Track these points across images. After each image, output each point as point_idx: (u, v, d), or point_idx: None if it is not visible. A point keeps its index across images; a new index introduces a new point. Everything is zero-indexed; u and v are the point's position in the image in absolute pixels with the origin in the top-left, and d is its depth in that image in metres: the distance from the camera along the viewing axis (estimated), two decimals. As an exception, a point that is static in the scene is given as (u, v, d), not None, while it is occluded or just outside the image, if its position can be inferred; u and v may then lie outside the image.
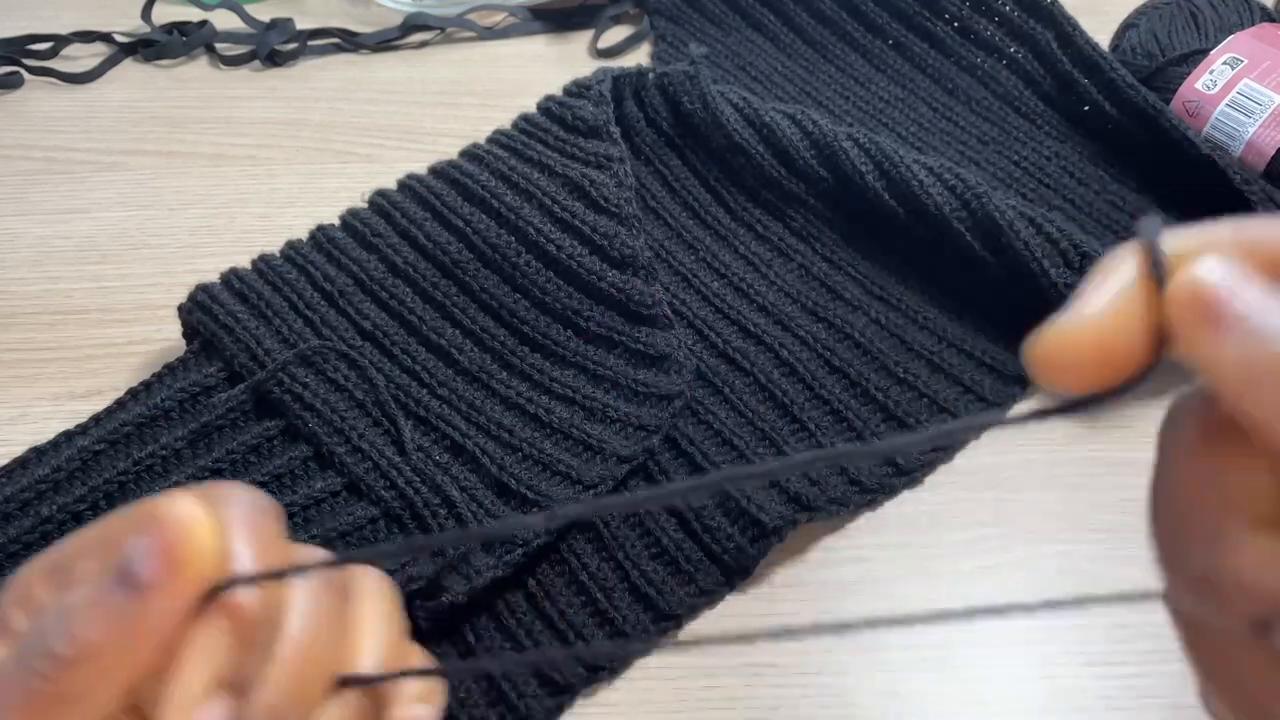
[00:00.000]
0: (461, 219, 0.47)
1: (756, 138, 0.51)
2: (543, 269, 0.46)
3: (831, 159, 0.50)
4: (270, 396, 0.43)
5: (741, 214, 0.51)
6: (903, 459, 0.42)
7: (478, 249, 0.46)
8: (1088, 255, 0.44)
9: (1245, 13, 0.56)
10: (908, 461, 0.42)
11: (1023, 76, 0.57)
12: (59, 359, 0.47)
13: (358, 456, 0.41)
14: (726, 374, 0.45)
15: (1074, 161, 0.54)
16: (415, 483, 0.40)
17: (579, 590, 0.40)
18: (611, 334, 0.44)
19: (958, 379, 0.45)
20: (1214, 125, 0.52)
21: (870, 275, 0.49)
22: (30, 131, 0.58)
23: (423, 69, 0.63)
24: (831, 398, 0.44)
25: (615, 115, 0.50)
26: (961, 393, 0.45)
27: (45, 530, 0.39)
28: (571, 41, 0.64)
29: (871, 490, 0.42)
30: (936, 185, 0.47)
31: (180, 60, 0.63)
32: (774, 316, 0.47)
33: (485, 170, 0.48)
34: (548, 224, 0.46)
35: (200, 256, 0.51)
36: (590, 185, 0.47)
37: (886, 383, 0.45)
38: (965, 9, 0.59)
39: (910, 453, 0.42)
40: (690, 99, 0.53)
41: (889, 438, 0.43)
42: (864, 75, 0.60)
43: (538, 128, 0.51)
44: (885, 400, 0.44)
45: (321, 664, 0.19)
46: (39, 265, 0.51)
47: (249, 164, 0.56)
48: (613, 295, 0.45)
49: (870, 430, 0.43)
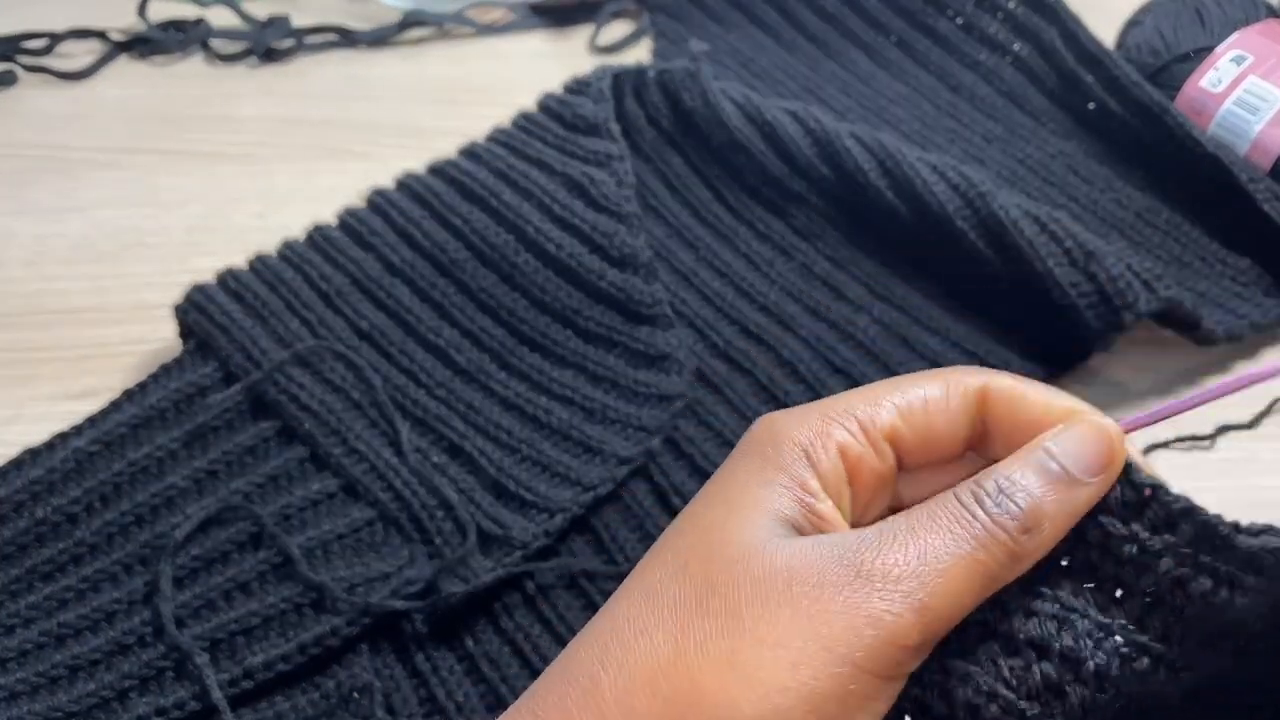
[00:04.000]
0: (460, 217, 0.46)
1: (758, 135, 0.51)
2: (542, 268, 0.45)
3: (834, 157, 0.49)
4: (266, 397, 0.42)
5: (742, 212, 0.51)
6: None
7: (476, 248, 0.46)
8: (1092, 254, 0.43)
9: (1251, 9, 0.55)
10: None
11: (1026, 74, 0.57)
12: (54, 359, 0.47)
13: (354, 458, 0.41)
14: (727, 374, 0.45)
15: (1078, 159, 0.53)
16: (412, 484, 0.40)
17: (578, 593, 0.39)
18: (611, 334, 0.44)
19: None
20: (1219, 123, 0.51)
21: (873, 274, 0.49)
22: (25, 129, 0.58)
23: (420, 66, 0.62)
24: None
25: (615, 113, 0.50)
26: None
27: (40, 532, 0.39)
28: (571, 38, 0.64)
29: None
30: (940, 183, 0.46)
31: (176, 57, 0.63)
32: (775, 316, 0.47)
33: (484, 168, 0.48)
34: (547, 222, 0.46)
35: (196, 255, 0.51)
36: (590, 183, 0.46)
37: None
38: (969, 5, 0.58)
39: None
40: (691, 96, 0.52)
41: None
42: (866, 72, 0.59)
43: (537, 125, 0.50)
44: None
45: None
46: (34, 264, 0.51)
47: (245, 162, 0.56)
48: (612, 294, 0.44)
49: None
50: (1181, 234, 0.50)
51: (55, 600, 0.38)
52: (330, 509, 0.40)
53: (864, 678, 0.20)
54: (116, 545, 0.39)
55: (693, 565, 0.22)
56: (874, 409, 0.23)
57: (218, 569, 0.38)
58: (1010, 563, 0.21)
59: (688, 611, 0.21)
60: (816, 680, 0.20)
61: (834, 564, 0.21)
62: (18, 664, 0.36)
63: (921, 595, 0.20)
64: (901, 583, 0.20)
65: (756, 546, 0.21)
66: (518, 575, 0.39)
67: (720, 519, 0.22)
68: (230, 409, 0.42)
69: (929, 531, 0.21)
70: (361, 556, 0.39)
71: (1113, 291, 0.43)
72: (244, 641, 0.37)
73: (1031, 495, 0.21)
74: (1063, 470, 0.22)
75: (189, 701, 0.35)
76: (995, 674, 0.20)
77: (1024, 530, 0.21)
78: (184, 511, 0.40)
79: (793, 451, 0.23)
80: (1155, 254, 0.49)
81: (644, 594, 0.22)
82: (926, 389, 0.23)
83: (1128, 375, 0.45)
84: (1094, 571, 0.21)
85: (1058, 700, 0.20)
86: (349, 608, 0.37)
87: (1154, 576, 0.21)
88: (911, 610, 0.20)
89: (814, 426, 0.23)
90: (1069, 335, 0.45)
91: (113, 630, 0.37)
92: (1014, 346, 0.46)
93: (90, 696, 0.35)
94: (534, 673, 0.37)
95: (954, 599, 0.21)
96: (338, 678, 0.37)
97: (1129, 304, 0.42)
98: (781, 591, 0.21)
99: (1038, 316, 0.46)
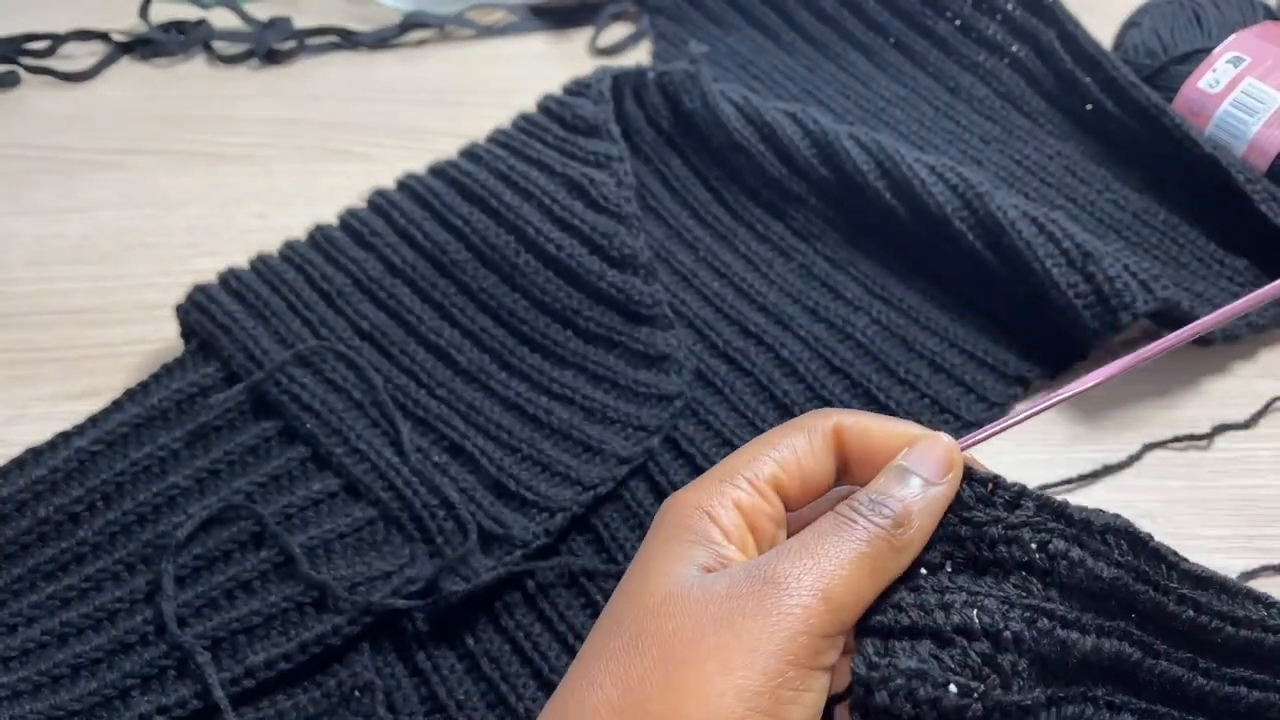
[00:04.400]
0: (460, 218, 0.47)
1: (757, 136, 0.51)
2: (542, 268, 0.45)
3: (832, 158, 0.49)
4: (268, 397, 0.43)
5: (742, 213, 0.51)
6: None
7: (476, 248, 0.46)
8: (1090, 255, 0.44)
9: (1248, 10, 0.55)
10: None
11: (1024, 75, 0.57)
12: (56, 359, 0.47)
13: (356, 457, 0.41)
14: (727, 374, 0.45)
15: (1076, 160, 0.53)
16: (414, 484, 0.40)
17: (578, 592, 0.39)
18: (611, 334, 0.44)
19: (959, 379, 0.45)
20: (1217, 124, 0.52)
21: (871, 275, 0.49)
22: (27, 130, 0.58)
23: (421, 67, 0.62)
24: (832, 398, 0.44)
25: (615, 114, 0.50)
26: (963, 393, 0.45)
27: (42, 531, 0.39)
28: (571, 39, 0.64)
29: None
30: (938, 184, 0.47)
31: (178, 59, 0.63)
32: (774, 316, 0.47)
33: (484, 169, 0.48)
34: (547, 223, 0.46)
35: (198, 256, 0.51)
36: (590, 184, 0.46)
37: (888, 383, 0.45)
38: (967, 7, 0.59)
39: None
40: (690, 98, 0.52)
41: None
42: (865, 74, 0.59)
43: (537, 126, 0.50)
44: (887, 401, 0.44)
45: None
46: (36, 265, 0.51)
47: (247, 163, 0.56)
48: (612, 295, 0.44)
49: None
50: (1179, 234, 0.50)
51: (58, 599, 0.38)
52: (332, 509, 0.41)
53: (788, 670, 0.23)
54: (118, 544, 0.39)
55: (626, 620, 0.25)
56: (757, 466, 0.27)
57: (219, 568, 0.38)
58: (893, 554, 0.25)
59: (627, 657, 0.24)
60: (747, 679, 0.23)
61: (744, 580, 0.24)
62: (20, 663, 0.36)
63: (822, 586, 0.24)
64: (804, 579, 0.24)
65: (677, 592, 0.25)
66: (518, 574, 0.39)
67: (644, 580, 0.26)
68: (232, 409, 0.42)
69: (821, 539, 0.25)
70: (363, 555, 0.39)
71: (1110, 292, 0.43)
72: (245, 640, 0.37)
73: (898, 498, 0.26)
74: (918, 477, 0.26)
75: (191, 700, 0.35)
76: (942, 666, 0.23)
77: (898, 525, 0.25)
78: (186, 510, 0.40)
79: (696, 514, 0.26)
80: (1152, 254, 0.49)
81: (591, 655, 0.25)
82: (794, 439, 0.28)
83: (1125, 375, 0.45)
84: (979, 559, 0.26)
85: (995, 672, 0.23)
86: (350, 606, 0.37)
87: (1021, 547, 0.25)
88: (818, 600, 0.24)
89: (711, 490, 0.27)
90: (1066, 335, 0.45)
91: (115, 629, 0.37)
92: (1012, 346, 0.46)
93: (92, 695, 0.35)
94: (534, 671, 0.38)
95: (852, 588, 0.24)
96: (339, 676, 0.37)
97: (1126, 304, 0.42)
98: (703, 615, 0.24)
99: (1035, 316, 0.46)
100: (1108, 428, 0.44)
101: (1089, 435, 0.44)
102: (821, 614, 0.24)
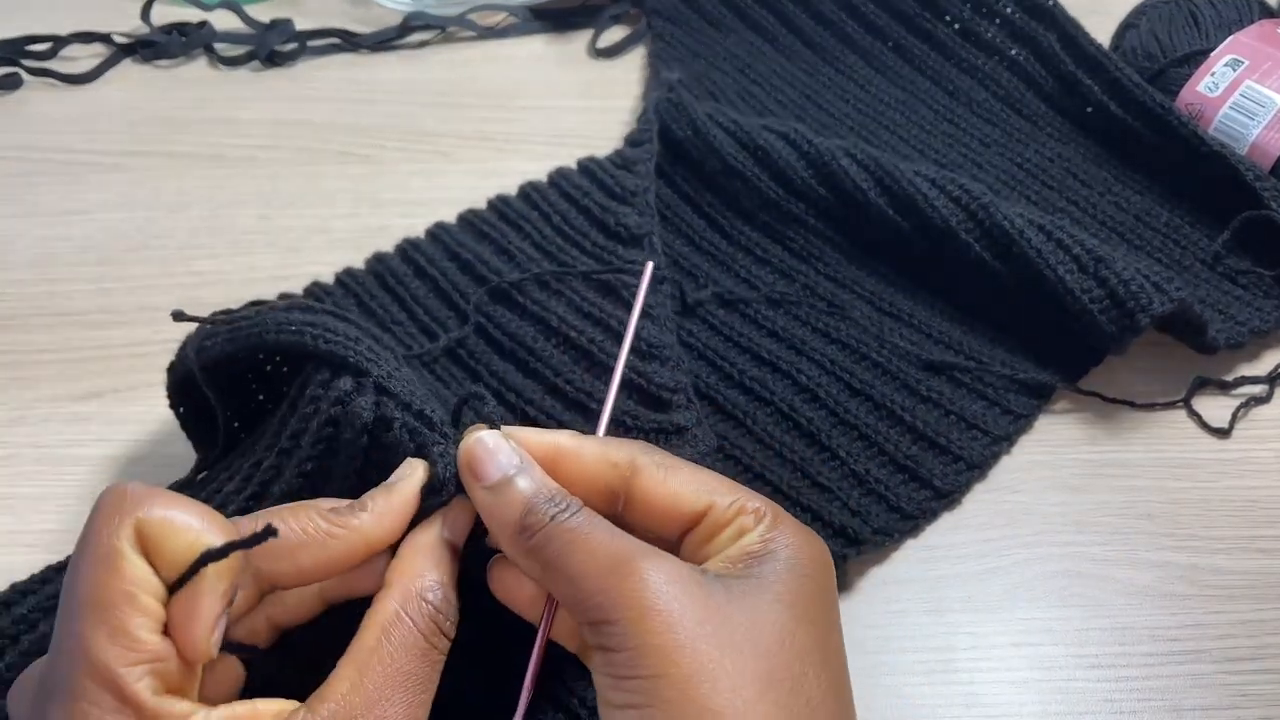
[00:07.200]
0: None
1: (752, 160, 0.50)
2: (569, 361, 0.43)
3: (830, 177, 0.49)
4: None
5: (738, 238, 0.51)
6: (940, 481, 0.41)
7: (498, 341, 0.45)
8: (1101, 259, 0.43)
9: (1245, 9, 0.56)
10: (945, 484, 0.41)
11: (1024, 78, 0.57)
12: (58, 360, 0.47)
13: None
14: (746, 405, 0.43)
15: (1076, 163, 0.53)
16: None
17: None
18: (625, 418, 0.41)
19: (981, 393, 0.44)
20: (1217, 127, 0.52)
21: (878, 292, 0.48)
22: (29, 132, 0.58)
23: (422, 69, 0.62)
24: (857, 421, 0.43)
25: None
26: (987, 406, 0.44)
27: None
28: (571, 41, 0.64)
29: (913, 516, 0.40)
30: (940, 197, 0.46)
31: (180, 61, 0.63)
32: (786, 341, 0.46)
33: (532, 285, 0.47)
34: (573, 315, 0.44)
35: (200, 258, 0.51)
36: (623, 286, 0.45)
37: (911, 402, 0.43)
38: (966, 10, 0.59)
39: (947, 474, 0.41)
40: (680, 126, 0.52)
41: (925, 459, 0.42)
42: (864, 77, 0.59)
43: (580, 233, 0.49)
44: (913, 421, 0.43)
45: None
46: (38, 266, 0.51)
47: (249, 165, 0.56)
48: (639, 385, 0.41)
49: (903, 453, 0.42)
50: (1180, 236, 0.50)
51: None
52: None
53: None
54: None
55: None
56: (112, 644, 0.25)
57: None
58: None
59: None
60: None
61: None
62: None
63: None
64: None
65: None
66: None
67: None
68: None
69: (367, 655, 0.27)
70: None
71: (1125, 294, 0.42)
72: None
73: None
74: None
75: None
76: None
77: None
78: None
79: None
80: (1155, 257, 0.49)
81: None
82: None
83: (1130, 378, 0.46)
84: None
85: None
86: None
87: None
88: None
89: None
90: (1082, 341, 0.45)
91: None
92: (1028, 356, 0.45)
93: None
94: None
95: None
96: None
97: (1144, 306, 0.42)
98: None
99: (1047, 324, 0.45)
100: (1108, 431, 0.44)
101: (1091, 438, 0.44)
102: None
